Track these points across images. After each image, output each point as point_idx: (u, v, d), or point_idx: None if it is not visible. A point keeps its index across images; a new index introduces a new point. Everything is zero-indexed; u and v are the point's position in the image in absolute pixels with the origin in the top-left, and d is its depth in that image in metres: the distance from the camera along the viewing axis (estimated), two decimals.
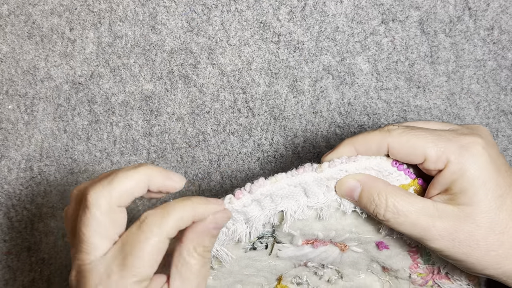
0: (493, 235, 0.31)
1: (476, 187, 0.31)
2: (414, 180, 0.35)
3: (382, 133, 0.33)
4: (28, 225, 0.54)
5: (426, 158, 0.32)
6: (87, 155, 0.53)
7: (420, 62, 0.50)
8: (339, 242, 0.37)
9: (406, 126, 0.33)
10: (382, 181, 0.33)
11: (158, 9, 0.51)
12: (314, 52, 0.51)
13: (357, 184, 0.33)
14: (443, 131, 0.33)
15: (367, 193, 0.33)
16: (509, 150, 0.51)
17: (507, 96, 0.50)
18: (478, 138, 0.32)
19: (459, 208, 0.31)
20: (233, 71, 0.52)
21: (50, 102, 0.53)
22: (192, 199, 0.30)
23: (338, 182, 0.34)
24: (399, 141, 0.32)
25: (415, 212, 0.32)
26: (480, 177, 0.31)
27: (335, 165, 0.33)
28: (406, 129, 0.33)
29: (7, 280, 0.54)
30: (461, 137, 0.32)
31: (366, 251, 0.38)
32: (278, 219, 0.35)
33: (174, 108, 0.52)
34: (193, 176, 0.53)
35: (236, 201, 0.33)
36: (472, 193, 0.31)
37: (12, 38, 0.53)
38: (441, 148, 0.31)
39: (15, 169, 0.54)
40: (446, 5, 0.50)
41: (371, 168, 0.34)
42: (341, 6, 0.50)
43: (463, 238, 0.31)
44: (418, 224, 0.32)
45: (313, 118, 0.52)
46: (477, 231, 0.31)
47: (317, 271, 0.40)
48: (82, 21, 0.52)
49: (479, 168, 0.31)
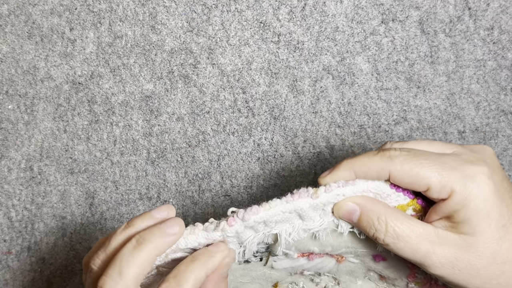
0: (494, 265, 0.31)
1: (479, 218, 0.30)
2: (413, 200, 0.34)
3: (384, 160, 0.32)
4: (28, 225, 0.54)
5: (429, 188, 0.31)
6: (87, 155, 0.53)
7: (420, 62, 0.50)
8: (336, 254, 0.37)
9: (409, 152, 0.32)
10: (382, 204, 0.33)
11: (158, 9, 0.51)
12: (314, 52, 0.51)
13: (356, 207, 0.33)
14: (447, 157, 0.32)
15: (366, 217, 0.32)
16: (509, 150, 0.51)
17: (507, 96, 0.50)
18: (483, 166, 0.31)
19: (461, 237, 0.31)
20: (233, 71, 0.52)
21: (50, 102, 0.53)
22: (199, 259, 0.31)
23: (336, 205, 0.33)
24: (401, 169, 0.31)
25: (416, 238, 0.31)
26: (484, 208, 0.30)
27: (331, 189, 0.32)
28: (409, 155, 0.32)
29: (7, 280, 0.54)
30: (466, 166, 0.31)
31: (363, 262, 0.38)
32: (273, 239, 0.35)
33: (174, 108, 0.52)
34: (193, 176, 0.53)
35: (229, 228, 0.32)
36: (475, 223, 0.30)
37: (12, 38, 0.53)
38: (445, 178, 0.30)
39: (15, 169, 0.54)
40: (446, 5, 0.49)
41: (369, 190, 0.33)
42: (341, 6, 0.50)
43: (463, 266, 0.31)
44: (418, 250, 0.31)
45: (313, 118, 0.52)
46: (478, 260, 0.31)
47: (314, 278, 0.40)
48: (82, 21, 0.52)
49: (484, 199, 0.30)
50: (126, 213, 0.53)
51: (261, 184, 0.52)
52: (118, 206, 0.53)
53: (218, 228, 0.32)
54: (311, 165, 0.52)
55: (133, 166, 0.53)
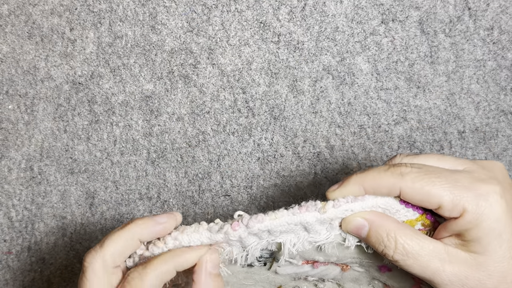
0: (504, 284, 0.30)
1: (491, 237, 0.30)
2: (423, 215, 0.33)
3: (395, 176, 0.31)
4: (29, 225, 0.54)
5: (441, 206, 0.31)
6: (87, 155, 0.53)
7: (420, 62, 0.50)
8: (341, 263, 0.37)
9: (420, 168, 0.32)
10: (391, 219, 0.32)
11: (158, 9, 0.52)
12: (314, 52, 0.51)
13: (365, 222, 0.32)
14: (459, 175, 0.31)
15: (375, 233, 0.32)
16: (509, 150, 0.51)
17: (506, 96, 0.50)
18: (496, 185, 0.31)
19: (471, 256, 0.31)
20: (233, 71, 0.52)
21: (50, 102, 0.53)
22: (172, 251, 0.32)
23: (344, 220, 0.33)
24: (412, 186, 0.31)
25: (425, 255, 0.31)
26: (497, 228, 0.30)
27: (340, 205, 0.32)
28: (420, 173, 0.31)
29: (7, 280, 0.54)
30: (478, 184, 0.31)
31: (368, 271, 0.38)
32: (276, 247, 0.35)
33: (174, 108, 0.52)
34: (193, 176, 0.53)
35: (233, 232, 0.32)
36: (487, 242, 0.30)
37: (12, 38, 0.53)
38: (457, 197, 0.30)
39: (16, 169, 0.54)
40: (446, 5, 0.50)
41: (378, 206, 0.32)
42: (341, 6, 0.50)
43: (473, 285, 0.31)
44: (427, 267, 0.31)
45: (313, 118, 0.52)
46: (488, 279, 0.30)
47: (318, 283, 0.40)
48: (82, 21, 0.52)
49: (496, 219, 0.30)
50: (126, 213, 0.53)
51: (261, 184, 0.52)
52: (118, 206, 0.53)
53: (221, 230, 0.32)
54: (311, 165, 0.52)
55: (133, 166, 0.53)
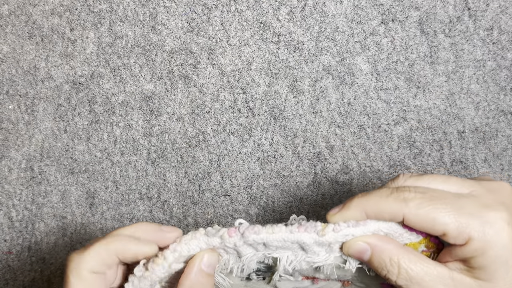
0: None
1: (497, 264, 0.30)
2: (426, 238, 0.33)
3: (398, 202, 0.31)
4: (29, 225, 0.54)
5: (446, 234, 0.30)
6: (87, 155, 0.53)
7: (420, 62, 0.50)
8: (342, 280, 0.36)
9: (424, 194, 0.31)
10: (394, 243, 0.32)
11: (158, 9, 0.52)
12: (314, 52, 0.51)
13: (367, 247, 0.32)
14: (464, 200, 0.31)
15: (378, 258, 0.32)
16: (508, 150, 0.51)
17: (506, 96, 0.50)
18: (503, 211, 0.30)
19: (477, 283, 0.30)
20: (233, 71, 0.52)
21: (51, 102, 0.53)
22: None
23: (345, 243, 0.32)
24: (416, 213, 0.30)
25: (429, 281, 0.30)
26: (503, 255, 0.30)
27: (340, 229, 0.31)
28: (424, 199, 0.31)
29: (7, 280, 0.54)
30: (484, 211, 0.30)
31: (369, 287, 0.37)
32: (273, 261, 0.34)
33: (174, 108, 0.52)
34: (193, 176, 0.53)
35: (228, 238, 0.31)
36: (493, 270, 0.30)
37: (12, 38, 0.53)
38: (462, 225, 0.30)
39: (16, 169, 0.54)
40: (446, 5, 0.50)
41: (380, 230, 0.32)
42: (341, 6, 0.50)
43: None
44: None
45: (313, 118, 0.52)
46: None
47: None
48: (82, 21, 0.52)
49: (502, 247, 0.30)
50: (126, 213, 0.53)
51: (261, 184, 0.52)
52: (119, 206, 0.53)
53: (218, 234, 0.32)
54: (311, 165, 0.52)
55: (133, 166, 0.53)
